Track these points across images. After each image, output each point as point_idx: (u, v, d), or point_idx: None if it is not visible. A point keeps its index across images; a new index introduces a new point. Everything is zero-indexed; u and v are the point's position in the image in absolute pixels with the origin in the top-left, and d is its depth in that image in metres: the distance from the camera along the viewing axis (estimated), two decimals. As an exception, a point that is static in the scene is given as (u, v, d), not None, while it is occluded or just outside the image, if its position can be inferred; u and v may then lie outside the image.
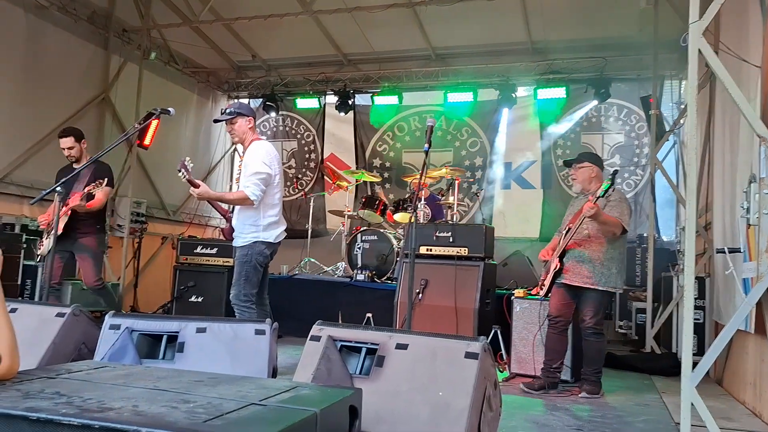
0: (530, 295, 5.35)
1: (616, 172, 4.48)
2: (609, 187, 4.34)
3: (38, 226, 5.28)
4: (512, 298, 5.43)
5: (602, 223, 4.43)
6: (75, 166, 5.21)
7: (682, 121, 7.18)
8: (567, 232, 4.64)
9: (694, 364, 3.09)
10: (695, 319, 4.71)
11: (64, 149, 5.27)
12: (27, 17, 7.28)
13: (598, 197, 4.35)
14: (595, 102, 8.97)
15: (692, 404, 3.05)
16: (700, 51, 3.12)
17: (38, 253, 5.05)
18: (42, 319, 3.10)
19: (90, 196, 4.88)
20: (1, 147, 6.94)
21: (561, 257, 4.60)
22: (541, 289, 4.77)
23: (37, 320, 3.09)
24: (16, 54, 7.16)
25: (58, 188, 5.12)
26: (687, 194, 3.22)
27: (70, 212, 4.95)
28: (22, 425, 1.50)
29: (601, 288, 4.49)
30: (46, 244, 5.00)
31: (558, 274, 4.60)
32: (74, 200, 4.89)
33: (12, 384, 1.80)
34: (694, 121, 3.18)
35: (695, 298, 4.29)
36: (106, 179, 4.93)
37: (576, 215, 4.61)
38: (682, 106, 7.76)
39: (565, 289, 4.63)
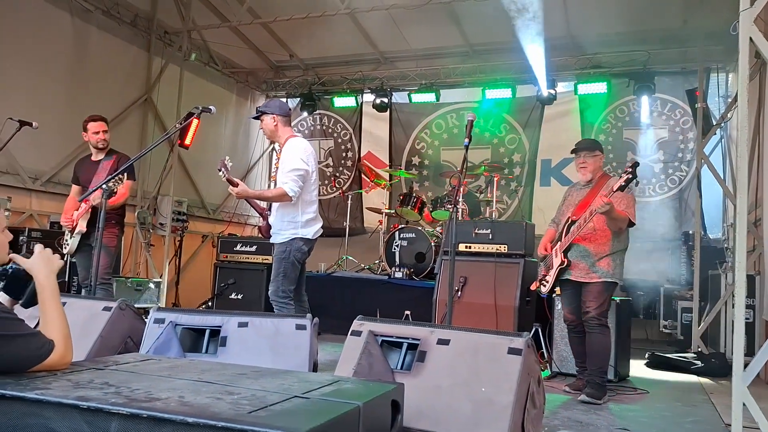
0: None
1: (636, 164, 4.10)
2: (630, 182, 4.02)
3: (63, 228, 5.11)
4: (553, 295, 5.33)
5: (613, 218, 4.15)
6: (93, 158, 5.14)
7: (729, 115, 6.95)
8: (570, 225, 4.35)
9: (745, 365, 2.98)
10: (745, 318, 4.55)
11: (97, 133, 5.04)
12: (73, 21, 7.49)
13: (615, 191, 4.04)
14: (642, 97, 8.76)
15: (744, 404, 2.95)
16: (751, 39, 3.01)
17: (65, 252, 5.02)
18: (90, 313, 3.17)
19: (111, 193, 4.42)
20: (49, 148, 7.15)
21: (566, 252, 4.35)
22: (542, 285, 4.50)
23: (85, 314, 3.16)
24: (62, 57, 7.38)
25: (77, 184, 5.18)
26: (738, 188, 3.11)
27: (90, 209, 4.82)
28: (73, 413, 1.54)
29: (608, 279, 4.26)
30: (72, 243, 5.00)
31: (563, 270, 4.35)
32: (95, 197, 4.60)
33: (63, 374, 1.85)
34: (745, 112, 3.07)
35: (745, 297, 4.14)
36: (126, 174, 4.58)
37: (579, 207, 4.35)
38: (729, 99, 7.52)
39: (572, 290, 4.40)
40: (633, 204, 4.31)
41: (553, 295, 5.31)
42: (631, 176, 4.02)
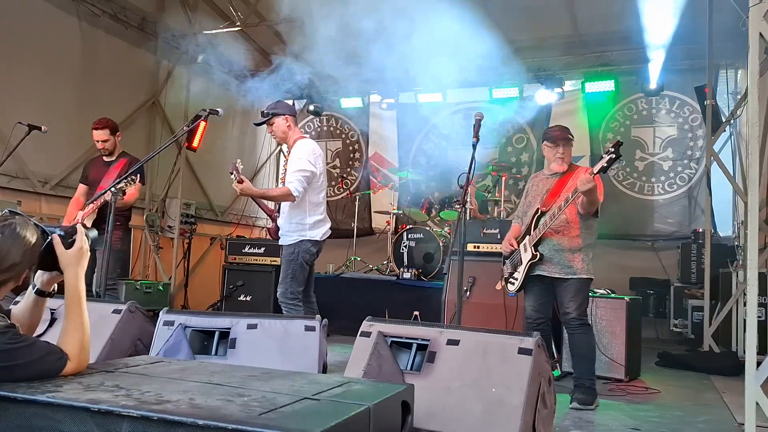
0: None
1: (620, 143, 3.68)
2: (613, 162, 3.67)
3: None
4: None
5: (591, 202, 3.87)
6: (105, 159, 5.19)
7: (739, 112, 6.91)
8: (539, 217, 4.07)
9: (758, 364, 2.96)
10: (757, 316, 4.50)
11: (97, 141, 5.13)
12: (81, 26, 7.52)
13: (596, 173, 3.71)
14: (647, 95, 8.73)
15: (757, 403, 2.93)
16: (761, 35, 2.99)
17: None
18: (99, 315, 3.18)
19: (122, 193, 4.39)
20: (58, 152, 7.18)
21: (536, 246, 4.05)
22: (510, 284, 4.21)
23: (94, 316, 3.15)
24: (71, 61, 7.41)
25: (85, 183, 5.19)
26: (749, 185, 3.09)
27: (96, 210, 4.81)
28: (84, 416, 1.54)
29: (584, 276, 4.01)
30: None
31: (535, 265, 4.04)
32: (102, 199, 4.60)
33: (74, 377, 1.85)
34: (755, 108, 3.05)
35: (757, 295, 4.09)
36: (138, 176, 4.60)
37: (549, 198, 4.07)
38: (739, 96, 7.47)
39: (541, 285, 4.10)
40: (602, 191, 4.03)
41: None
42: (614, 156, 3.64)
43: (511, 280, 4.24)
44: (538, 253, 4.04)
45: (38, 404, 1.59)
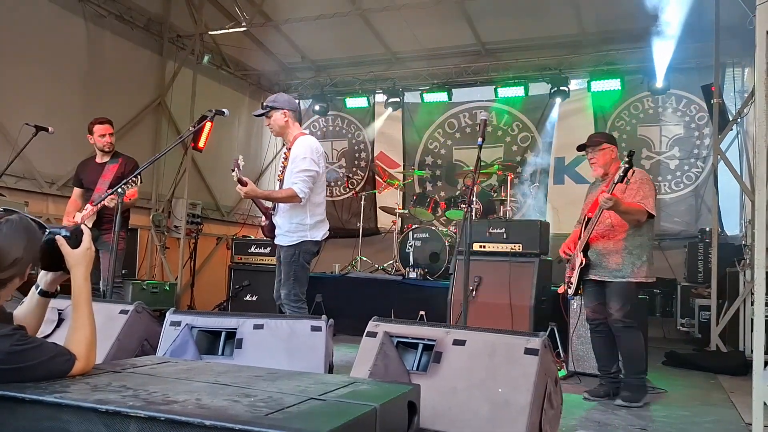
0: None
1: (632, 153, 3.83)
2: (627, 171, 3.79)
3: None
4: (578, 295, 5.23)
5: (623, 213, 3.98)
6: (98, 160, 5.18)
7: (746, 110, 6.87)
8: (587, 223, 4.20)
9: (765, 363, 2.95)
10: (765, 315, 4.47)
11: (104, 135, 5.10)
12: (87, 26, 7.55)
13: (615, 184, 3.86)
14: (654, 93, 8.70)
15: (765, 403, 2.91)
16: (768, 33, 2.98)
17: None
18: (107, 315, 3.19)
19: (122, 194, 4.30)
20: (65, 153, 7.19)
21: (585, 251, 4.18)
22: (569, 287, 4.33)
23: (101, 317, 3.16)
24: (77, 62, 7.44)
25: (80, 186, 5.21)
26: (756, 184, 3.07)
27: (96, 212, 4.84)
28: (92, 416, 1.54)
29: (631, 279, 4.09)
30: None
31: (585, 270, 4.20)
32: (108, 201, 4.57)
33: (81, 378, 1.86)
34: (762, 106, 3.04)
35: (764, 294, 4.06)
36: (140, 177, 4.57)
37: (595, 204, 4.16)
38: (746, 95, 7.43)
39: (594, 288, 4.26)
40: (652, 194, 4.10)
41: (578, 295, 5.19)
42: (627, 165, 3.79)
43: (569, 284, 4.36)
44: (585, 258, 4.19)
45: (46, 405, 1.59)
